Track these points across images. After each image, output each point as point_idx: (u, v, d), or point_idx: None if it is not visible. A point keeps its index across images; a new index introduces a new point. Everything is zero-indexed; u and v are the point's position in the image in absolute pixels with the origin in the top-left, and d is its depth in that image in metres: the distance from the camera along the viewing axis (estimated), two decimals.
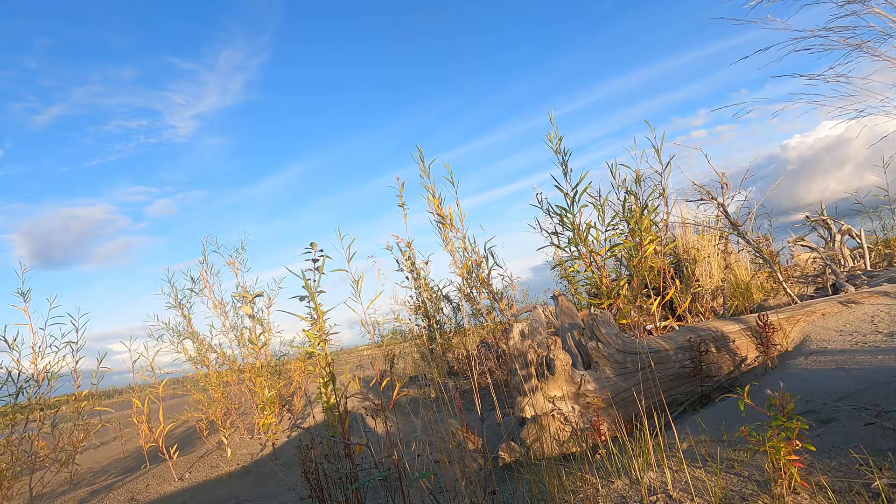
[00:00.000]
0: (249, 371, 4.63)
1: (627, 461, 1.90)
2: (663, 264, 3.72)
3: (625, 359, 2.86)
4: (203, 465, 4.06)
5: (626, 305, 3.51)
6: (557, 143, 3.75)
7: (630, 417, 2.70)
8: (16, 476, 3.99)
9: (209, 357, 4.92)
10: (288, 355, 5.66)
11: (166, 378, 4.22)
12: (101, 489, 3.78)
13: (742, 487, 1.62)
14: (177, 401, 7.76)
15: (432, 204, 3.94)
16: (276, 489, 3.26)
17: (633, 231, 3.54)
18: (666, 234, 4.28)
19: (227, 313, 5.00)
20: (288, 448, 4.19)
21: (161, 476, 3.88)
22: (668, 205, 4.12)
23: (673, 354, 2.92)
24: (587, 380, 2.78)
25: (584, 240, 3.58)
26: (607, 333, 2.93)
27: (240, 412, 5.18)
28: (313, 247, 2.89)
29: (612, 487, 1.82)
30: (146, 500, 3.40)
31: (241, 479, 3.58)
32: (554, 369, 2.69)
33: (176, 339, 4.71)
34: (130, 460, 5.18)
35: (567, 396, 2.76)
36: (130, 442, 6.22)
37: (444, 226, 3.91)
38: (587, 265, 3.57)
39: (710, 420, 2.28)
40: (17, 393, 3.95)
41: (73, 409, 4.49)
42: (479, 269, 4.03)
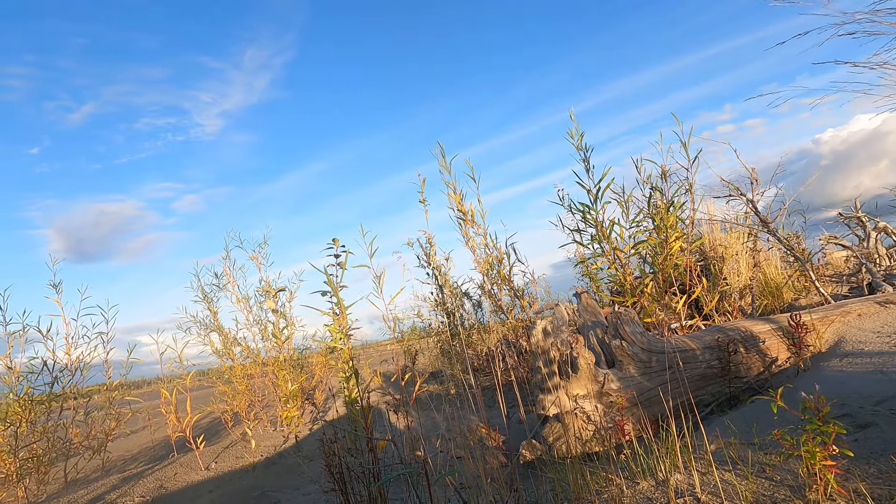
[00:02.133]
0: (273, 364, 4.71)
1: (653, 462, 1.87)
2: (689, 262, 3.63)
3: (649, 358, 2.81)
4: (228, 456, 4.15)
5: (650, 304, 3.45)
6: (579, 139, 3.69)
7: (655, 417, 2.65)
8: (52, 462, 4.15)
9: (234, 350, 5.02)
10: (310, 349, 5.74)
11: (193, 370, 4.32)
12: (131, 476, 3.90)
13: (774, 492, 1.57)
14: (203, 392, 7.95)
15: (453, 200, 3.93)
16: (300, 481, 3.31)
17: (659, 228, 3.47)
18: (692, 231, 4.19)
19: (250, 307, 5.09)
20: (310, 440, 4.25)
21: (188, 465, 3.98)
22: (694, 201, 4.03)
23: (700, 354, 2.85)
24: (611, 379, 2.74)
25: (607, 237, 3.52)
26: (631, 332, 2.88)
27: (263, 404, 5.28)
28: (335, 242, 2.91)
29: (638, 488, 1.79)
30: (174, 488, 3.49)
31: (265, 470, 3.65)
32: (577, 367, 2.66)
33: (203, 331, 4.82)
34: (159, 449, 5.33)
35: (590, 395, 2.73)
36: (159, 431, 6.40)
37: (465, 222, 3.89)
38: (610, 262, 3.51)
39: (739, 422, 2.22)
40: (53, 382, 4.10)
41: (104, 398, 4.64)
42: (501, 265, 4.01)
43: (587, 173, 3.51)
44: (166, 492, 3.43)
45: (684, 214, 3.73)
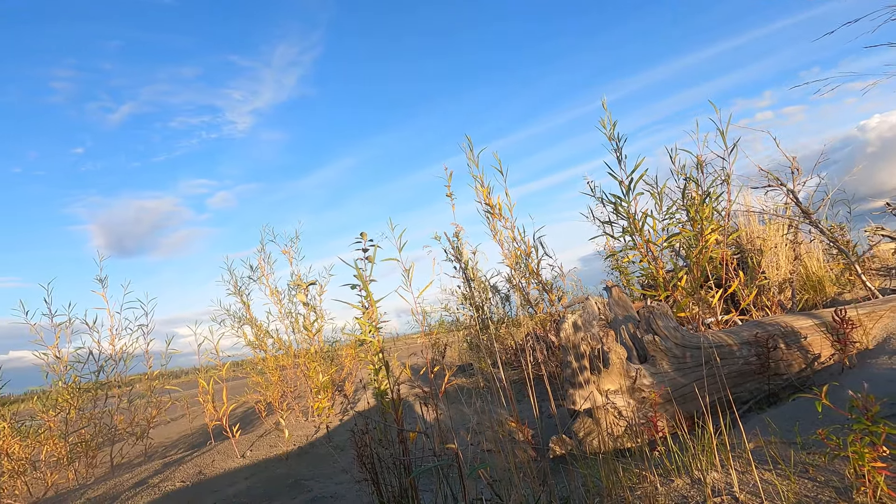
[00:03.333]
0: (304, 356, 4.81)
1: (688, 459, 1.83)
2: (725, 255, 3.51)
3: (683, 353, 2.74)
4: (263, 444, 4.27)
5: (684, 298, 3.36)
6: (611, 128, 3.61)
7: (689, 414, 2.59)
8: (99, 446, 4.37)
9: (266, 342, 5.14)
10: (339, 342, 5.83)
11: (228, 361, 4.46)
12: (172, 462, 4.07)
13: (818, 493, 1.52)
14: (237, 382, 8.20)
15: (481, 194, 3.91)
16: (331, 470, 3.38)
17: (693, 220, 3.37)
18: (728, 223, 4.05)
19: (282, 301, 5.20)
20: (341, 431, 4.33)
21: (225, 452, 4.12)
22: (731, 192, 3.89)
23: (737, 350, 2.76)
24: (643, 374, 2.69)
25: (639, 229, 3.44)
26: (664, 326, 2.82)
27: (295, 395, 5.41)
28: (363, 237, 2.94)
29: (672, 486, 1.76)
30: (213, 474, 3.62)
31: (297, 458, 3.74)
32: (609, 362, 2.62)
33: (236, 324, 4.96)
34: (197, 436, 5.53)
35: (621, 390, 2.68)
36: (196, 419, 6.65)
37: (492, 215, 3.87)
38: (643, 255, 3.43)
39: (779, 420, 2.15)
40: (99, 371, 4.30)
41: (145, 387, 4.85)
42: (529, 259, 3.97)
43: (619, 164, 3.44)
44: (205, 477, 3.56)
45: (720, 206, 3.61)
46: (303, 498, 2.86)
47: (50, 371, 4.19)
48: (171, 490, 3.34)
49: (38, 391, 4.61)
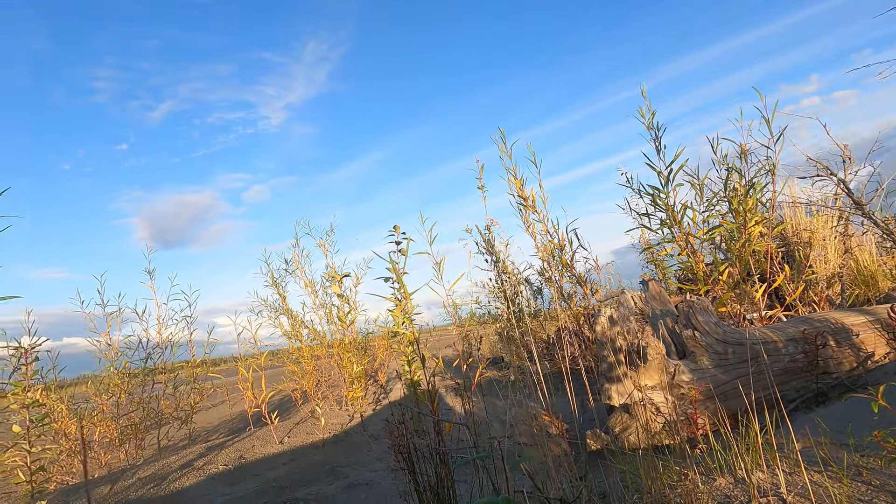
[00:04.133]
0: (338, 347, 4.92)
1: (732, 458, 1.78)
2: (770, 248, 3.38)
3: (725, 349, 2.66)
4: (299, 432, 4.40)
5: (725, 292, 3.25)
6: (650, 117, 3.51)
7: (731, 412, 2.52)
8: (147, 429, 4.60)
9: (302, 332, 5.28)
10: (372, 333, 5.93)
11: (266, 350, 4.61)
12: (215, 446, 4.24)
13: (872, 498, 1.45)
14: (274, 371, 8.46)
15: (514, 186, 3.88)
16: (366, 458, 3.46)
17: (736, 212, 3.25)
18: (772, 214, 3.89)
19: (317, 292, 5.32)
20: (374, 420, 4.42)
21: (264, 438, 4.27)
22: (776, 182, 3.73)
23: (783, 347, 2.66)
24: (682, 370, 2.63)
25: (678, 221, 3.34)
26: (705, 322, 2.74)
27: (329, 384, 5.54)
28: (396, 229, 2.97)
29: (715, 485, 1.72)
30: (252, 458, 3.76)
31: (333, 446, 3.84)
32: (646, 358, 2.57)
33: (273, 315, 5.11)
34: (237, 422, 5.75)
35: (660, 386, 2.63)
36: (236, 406, 6.90)
37: (525, 208, 3.83)
38: (682, 248, 3.33)
39: (829, 420, 2.06)
40: (146, 358, 4.52)
41: (189, 374, 5.06)
42: (563, 251, 3.92)
43: (658, 154, 3.34)
44: (245, 462, 3.70)
45: (765, 197, 3.46)
46: (340, 484, 2.94)
47: (102, 357, 4.43)
48: (215, 472, 3.49)
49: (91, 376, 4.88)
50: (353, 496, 2.73)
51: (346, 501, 2.65)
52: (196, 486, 3.25)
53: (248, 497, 2.90)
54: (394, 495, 2.63)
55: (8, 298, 2.84)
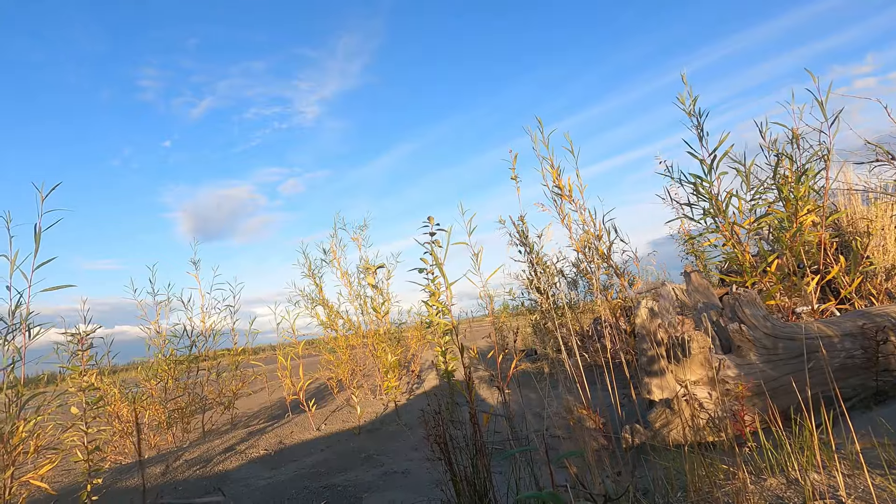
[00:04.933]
0: (372, 337, 4.99)
1: (784, 458, 1.70)
2: (823, 238, 3.20)
3: (774, 344, 2.54)
4: (335, 419, 4.50)
5: (774, 285, 3.10)
6: (691, 103, 3.37)
7: (781, 409, 2.41)
8: (192, 414, 4.80)
9: (337, 322, 5.38)
10: (405, 323, 5.99)
11: (303, 339, 4.72)
12: (255, 431, 4.39)
13: None
14: (311, 360, 8.67)
15: (550, 176, 3.80)
16: (401, 446, 3.50)
17: (787, 200, 3.08)
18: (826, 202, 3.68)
19: (352, 283, 5.40)
20: (408, 409, 4.47)
21: (302, 425, 4.39)
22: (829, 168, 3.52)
23: (838, 342, 2.52)
24: (727, 365, 2.53)
25: (722, 211, 3.20)
26: (752, 315, 2.62)
27: (363, 373, 5.64)
28: (430, 221, 2.97)
29: (765, 485, 1.65)
30: (291, 443, 3.87)
31: (368, 434, 3.91)
32: (689, 351, 2.49)
33: (310, 305, 5.22)
34: (275, 408, 5.93)
35: (702, 381, 2.54)
36: (274, 393, 7.11)
37: (562, 198, 3.76)
38: (727, 239, 3.19)
39: (892, 420, 1.94)
40: (192, 345, 4.70)
41: (231, 361, 5.25)
42: (599, 242, 3.83)
43: (700, 141, 3.20)
44: (285, 447, 3.81)
45: (818, 184, 3.27)
46: (376, 472, 2.99)
47: (152, 344, 4.65)
48: (256, 457, 3.61)
49: (140, 362, 5.13)
50: (389, 483, 2.76)
51: (383, 489, 2.69)
52: (239, 469, 3.38)
53: (288, 481, 2.99)
54: (429, 484, 2.65)
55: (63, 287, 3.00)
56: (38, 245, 2.73)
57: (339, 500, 2.59)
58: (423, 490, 2.59)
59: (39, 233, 2.73)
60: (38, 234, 2.73)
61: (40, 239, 2.72)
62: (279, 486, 2.93)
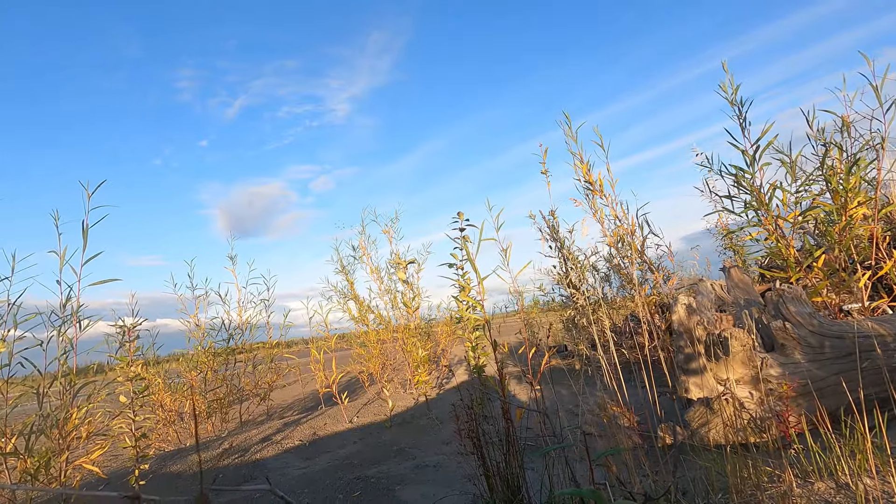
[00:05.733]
0: (402, 331, 5.03)
1: (833, 461, 1.63)
2: (876, 232, 3.03)
3: (821, 343, 2.43)
4: (367, 412, 4.57)
5: (820, 281, 2.96)
6: (733, 92, 3.24)
7: (829, 410, 2.30)
8: (230, 404, 4.96)
9: (368, 317, 5.45)
10: (435, 318, 6.02)
11: (335, 333, 4.81)
12: (290, 422, 4.51)
13: None
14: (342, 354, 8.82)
15: (580, 170, 3.73)
16: (432, 440, 3.53)
17: (835, 192, 2.93)
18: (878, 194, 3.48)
19: (382, 278, 5.46)
20: (438, 404, 4.49)
21: (334, 417, 4.47)
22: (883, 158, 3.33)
23: (892, 342, 2.39)
24: (770, 364, 2.44)
25: (765, 203, 3.07)
26: (797, 312, 2.51)
27: (393, 367, 5.70)
28: (460, 216, 2.96)
29: (812, 489, 1.58)
30: (325, 435, 3.96)
31: (399, 427, 3.95)
32: (729, 349, 2.41)
33: (342, 300, 5.31)
34: (308, 400, 6.07)
35: (743, 380, 2.46)
36: (308, 385, 7.28)
37: (593, 192, 3.68)
38: (769, 233, 3.07)
39: None
40: (229, 338, 4.86)
41: (266, 354, 5.39)
42: (633, 237, 3.74)
43: (742, 131, 3.08)
44: (318, 438, 3.89)
45: (870, 175, 3.10)
46: (408, 464, 3.02)
47: (192, 336, 4.83)
48: (291, 447, 3.71)
49: (181, 353, 5.33)
50: (421, 477, 2.79)
51: (415, 482, 2.72)
52: (275, 458, 3.47)
53: (322, 472, 3.06)
54: (461, 478, 2.66)
55: (109, 281, 3.13)
56: (86, 241, 2.86)
57: (373, 491, 2.63)
58: (454, 484, 2.60)
59: (87, 229, 2.87)
60: (86, 231, 2.86)
61: (88, 235, 2.86)
62: (314, 476, 2.99)
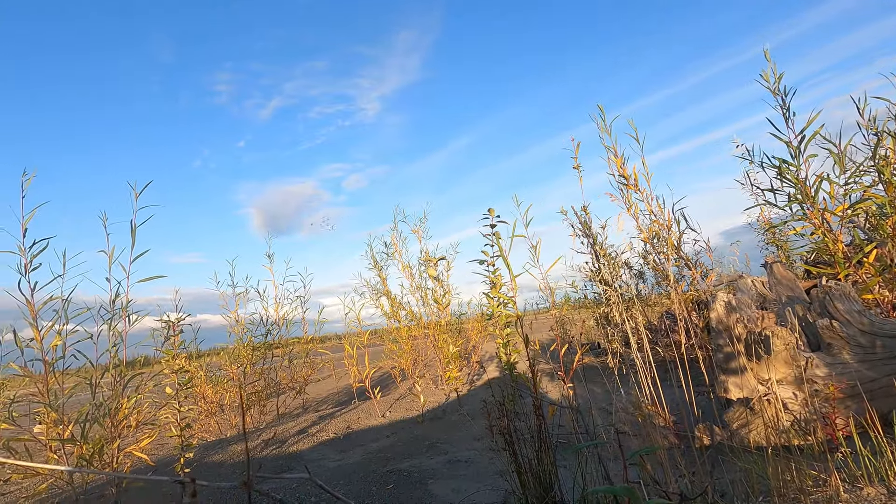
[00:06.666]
0: (433, 328, 5.07)
1: (885, 466, 1.55)
2: None
3: (872, 342, 2.32)
4: (399, 407, 4.64)
5: (871, 277, 2.82)
6: (776, 80, 3.11)
7: (881, 413, 2.20)
8: (267, 397, 5.13)
9: (400, 314, 5.52)
10: (465, 315, 6.03)
11: (368, 329, 4.89)
12: (325, 416, 4.62)
13: None
14: (374, 349, 8.96)
15: (614, 164, 3.66)
16: (463, 436, 3.55)
17: (888, 183, 2.77)
18: None
19: (412, 275, 5.51)
20: (469, 400, 4.51)
21: (368, 411, 4.56)
22: None
23: None
24: (816, 363, 2.34)
25: (811, 196, 2.94)
26: (846, 310, 2.40)
27: (424, 363, 5.75)
28: (490, 213, 2.96)
29: (861, 494, 1.51)
30: (358, 428, 4.04)
31: (431, 423, 3.99)
32: (771, 348, 2.33)
33: (374, 296, 5.40)
34: (342, 395, 6.20)
35: (787, 380, 2.37)
36: (341, 380, 7.43)
37: (627, 187, 3.61)
38: (815, 227, 2.93)
39: None
40: (267, 333, 5.02)
41: (301, 349, 5.54)
42: (669, 232, 3.64)
43: (786, 121, 2.95)
44: (352, 431, 3.98)
45: None
46: (440, 459, 3.05)
47: (232, 331, 5.01)
48: (326, 440, 3.81)
49: (221, 348, 5.54)
50: (453, 471, 2.82)
51: (447, 476, 2.74)
52: (310, 450, 3.57)
53: (357, 464, 3.13)
54: (492, 474, 2.67)
55: (156, 278, 3.28)
56: (135, 239, 3.02)
57: (406, 484, 2.67)
58: (486, 479, 2.62)
59: (135, 228, 3.02)
60: (134, 230, 3.01)
61: (136, 234, 3.01)
62: (348, 468, 3.07)
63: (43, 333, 2.82)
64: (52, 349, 2.87)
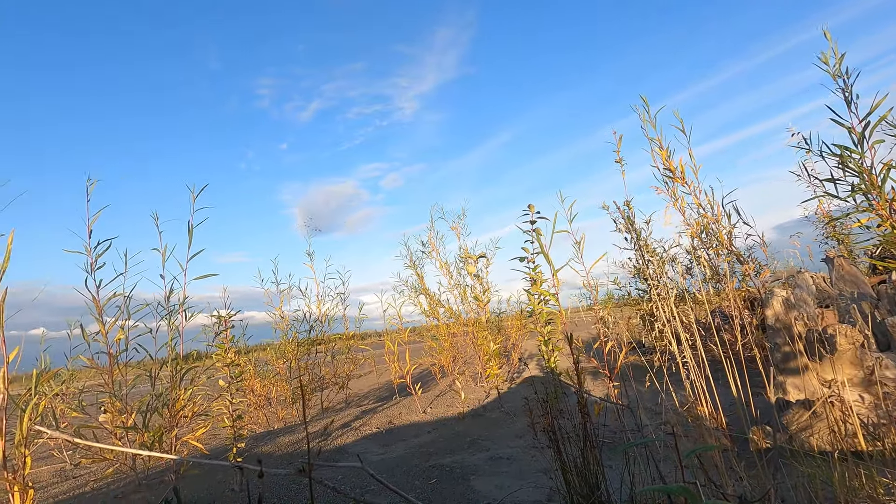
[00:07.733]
0: (473, 325, 5.07)
1: None
2: None
3: None
4: (439, 404, 4.67)
5: None
6: (836, 62, 2.91)
7: None
8: (312, 391, 5.28)
9: (438, 311, 5.55)
10: (505, 312, 6.01)
11: (408, 326, 4.95)
12: (367, 411, 4.71)
13: None
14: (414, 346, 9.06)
15: (659, 157, 3.54)
16: (505, 434, 3.53)
17: None
18: None
19: (451, 273, 5.53)
20: (509, 397, 4.48)
21: (408, 407, 4.62)
22: None
23: None
24: (885, 364, 2.19)
25: (878, 186, 2.74)
26: None
27: (464, 360, 5.76)
28: (531, 209, 2.93)
29: None
30: (400, 424, 4.09)
31: (472, 420, 4.00)
32: (835, 347, 2.19)
33: (413, 294, 5.46)
34: (383, 390, 6.30)
35: (852, 382, 2.22)
36: (382, 376, 7.56)
37: (673, 180, 3.49)
38: (883, 219, 2.73)
39: None
40: (310, 329, 5.17)
41: (343, 345, 5.67)
42: (718, 226, 3.50)
43: (848, 106, 2.76)
44: (394, 426, 4.04)
45: None
46: (482, 456, 3.05)
47: (277, 328, 5.19)
48: (369, 434, 3.88)
49: (268, 343, 5.74)
50: (495, 468, 2.81)
51: (489, 473, 2.74)
52: (354, 444, 3.65)
53: (400, 459, 3.17)
54: (535, 472, 2.65)
55: (209, 276, 3.43)
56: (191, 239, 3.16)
57: (449, 479, 2.69)
58: (528, 477, 2.60)
59: (192, 228, 3.16)
60: (191, 230, 3.16)
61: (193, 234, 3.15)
62: (391, 462, 3.11)
63: (108, 328, 3.01)
64: (115, 343, 3.05)
